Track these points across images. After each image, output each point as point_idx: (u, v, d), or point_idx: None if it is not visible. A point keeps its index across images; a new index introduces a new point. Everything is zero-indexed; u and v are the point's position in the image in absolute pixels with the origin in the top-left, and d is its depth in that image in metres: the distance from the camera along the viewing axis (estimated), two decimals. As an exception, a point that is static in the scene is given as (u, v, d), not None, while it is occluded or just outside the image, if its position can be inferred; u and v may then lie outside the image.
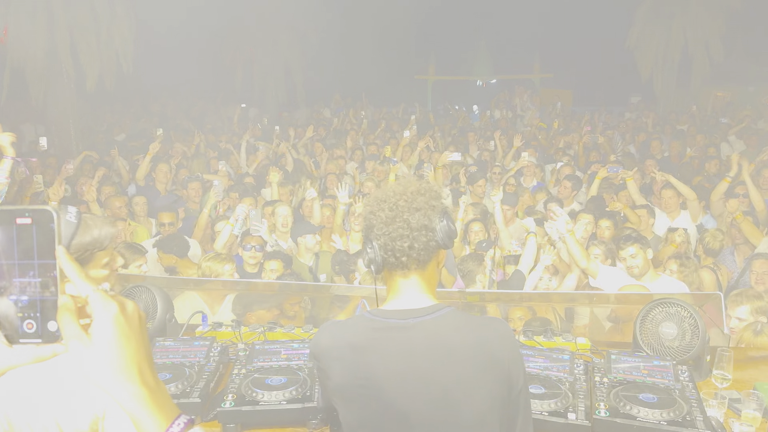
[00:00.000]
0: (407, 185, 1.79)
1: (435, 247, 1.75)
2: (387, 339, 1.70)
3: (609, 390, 2.72)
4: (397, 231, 1.70)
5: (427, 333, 1.69)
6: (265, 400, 2.59)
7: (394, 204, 1.73)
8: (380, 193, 1.80)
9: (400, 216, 1.71)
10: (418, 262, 1.74)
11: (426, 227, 1.72)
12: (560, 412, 2.55)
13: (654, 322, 3.12)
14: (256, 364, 2.90)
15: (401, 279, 1.77)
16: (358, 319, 1.80)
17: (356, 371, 1.68)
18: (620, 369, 2.89)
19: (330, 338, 1.76)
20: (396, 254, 1.72)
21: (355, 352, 1.70)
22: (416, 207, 1.72)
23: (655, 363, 2.91)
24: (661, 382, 2.79)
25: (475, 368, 1.65)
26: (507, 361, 1.68)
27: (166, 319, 3.23)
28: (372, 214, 1.76)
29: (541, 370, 2.89)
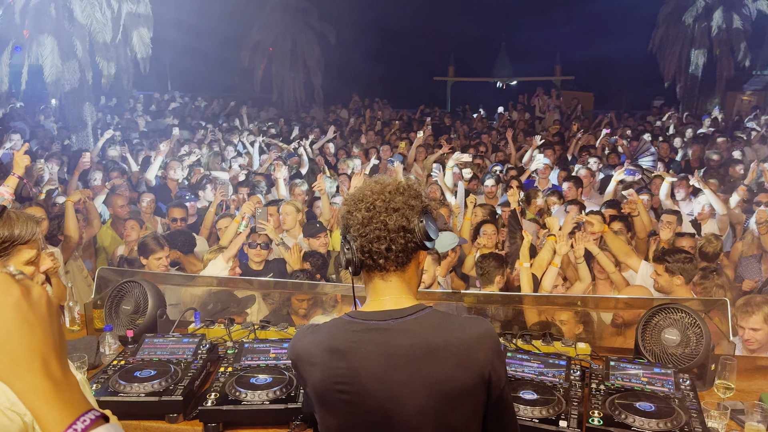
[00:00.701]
0: (385, 184, 1.70)
1: (414, 249, 1.68)
2: (367, 341, 1.62)
3: (605, 397, 2.61)
4: (374, 233, 1.63)
5: (409, 334, 1.62)
6: (247, 399, 2.53)
7: (371, 204, 1.65)
8: (357, 192, 1.71)
9: (377, 217, 1.63)
10: (397, 264, 1.67)
11: (404, 228, 1.64)
12: (551, 419, 2.45)
13: (657, 327, 3.01)
14: (244, 362, 2.85)
15: (380, 281, 1.69)
16: (336, 321, 1.72)
17: (335, 376, 1.61)
18: (619, 376, 2.78)
19: (306, 342, 1.69)
20: (373, 256, 1.65)
21: (334, 356, 1.63)
22: (394, 207, 1.64)
23: (656, 370, 2.80)
24: (661, 390, 2.67)
25: (458, 369, 1.59)
26: (489, 360, 1.62)
27: (156, 315, 3.20)
28: (349, 214, 1.68)
29: (535, 375, 2.80)
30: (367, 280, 1.73)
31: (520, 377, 2.78)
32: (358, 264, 1.68)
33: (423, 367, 1.59)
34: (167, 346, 2.97)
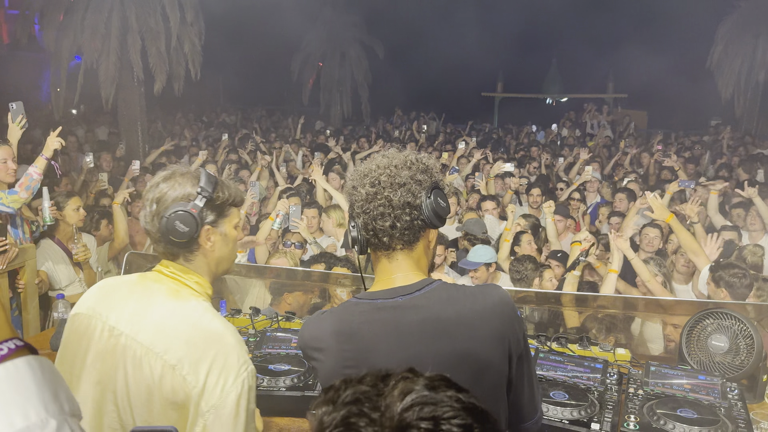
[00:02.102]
0: (392, 158, 1.60)
1: (421, 227, 1.57)
2: (374, 321, 1.53)
3: (643, 403, 2.43)
4: (378, 209, 1.53)
5: (418, 309, 1.52)
6: (264, 385, 2.46)
7: (376, 179, 1.55)
8: (363, 167, 1.62)
9: (381, 193, 1.53)
10: (404, 243, 1.57)
11: (410, 205, 1.53)
12: (583, 421, 2.29)
13: (703, 333, 2.80)
14: (264, 350, 2.79)
15: (386, 260, 1.60)
16: (343, 305, 1.64)
17: (344, 359, 1.52)
18: (659, 382, 2.59)
19: (312, 329, 1.60)
20: (378, 234, 1.55)
21: (340, 338, 1.54)
22: (400, 183, 1.54)
23: (701, 378, 2.59)
24: (706, 399, 2.47)
25: (473, 341, 1.49)
26: (506, 329, 1.52)
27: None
28: (354, 190, 1.59)
29: (568, 378, 2.63)
30: (375, 260, 1.64)
31: (552, 378, 2.63)
32: (363, 242, 1.59)
33: (435, 343, 1.49)
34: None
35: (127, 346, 1.56)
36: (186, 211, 1.59)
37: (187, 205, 1.59)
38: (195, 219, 1.59)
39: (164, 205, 1.60)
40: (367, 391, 0.81)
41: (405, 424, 0.75)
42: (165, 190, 1.62)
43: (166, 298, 1.60)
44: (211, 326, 1.57)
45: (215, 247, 1.66)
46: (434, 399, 0.79)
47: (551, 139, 15.44)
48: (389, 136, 14.61)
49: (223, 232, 1.67)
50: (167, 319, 1.56)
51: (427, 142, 13.25)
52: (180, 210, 1.58)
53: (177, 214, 1.58)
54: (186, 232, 1.59)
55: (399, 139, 13.59)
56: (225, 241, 1.69)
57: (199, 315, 1.59)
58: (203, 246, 1.64)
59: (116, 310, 1.61)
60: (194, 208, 1.60)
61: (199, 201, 1.61)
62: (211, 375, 1.50)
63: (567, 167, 10.04)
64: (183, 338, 1.53)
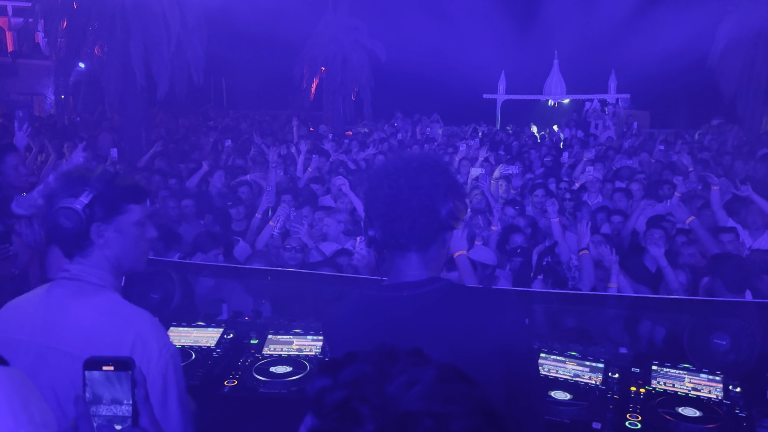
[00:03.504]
0: (410, 160, 1.62)
1: (438, 229, 1.59)
2: (378, 313, 1.57)
3: (645, 401, 2.43)
4: (397, 211, 1.55)
5: (422, 307, 1.54)
6: (265, 387, 2.46)
7: (395, 181, 1.57)
8: (381, 169, 1.65)
9: (400, 195, 1.55)
10: (420, 243, 1.59)
11: (428, 207, 1.55)
12: (584, 420, 2.29)
13: (705, 332, 2.79)
14: (266, 352, 2.80)
15: (400, 259, 1.62)
16: (354, 296, 1.69)
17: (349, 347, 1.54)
18: (661, 380, 2.59)
19: (330, 317, 1.69)
20: (395, 235, 1.57)
21: (348, 327, 1.60)
22: (418, 185, 1.56)
23: (703, 376, 2.59)
24: (708, 396, 2.47)
25: (474, 344, 1.49)
26: (509, 333, 1.52)
27: (183, 304, 3.18)
28: (372, 191, 1.61)
29: (570, 377, 2.64)
30: (389, 258, 1.65)
31: (553, 378, 2.63)
32: (380, 243, 1.60)
33: (436, 341, 1.49)
34: (191, 334, 2.94)
35: (44, 355, 1.56)
36: (69, 207, 1.57)
37: (74, 202, 1.57)
38: (79, 214, 1.57)
39: (53, 202, 1.60)
40: (371, 372, 0.78)
41: (410, 417, 0.72)
42: (57, 188, 1.61)
43: (72, 299, 1.59)
44: (123, 315, 1.58)
45: (109, 244, 1.63)
46: (444, 394, 0.75)
47: (554, 140, 15.42)
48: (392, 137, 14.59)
49: (119, 229, 1.63)
50: (78, 319, 1.56)
51: (429, 145, 13.25)
52: (63, 206, 1.57)
53: (60, 210, 1.57)
54: (69, 229, 1.58)
55: (401, 141, 13.58)
56: (121, 238, 1.65)
57: (109, 307, 1.59)
58: (95, 242, 1.62)
59: (27, 325, 1.60)
60: (78, 204, 1.57)
61: (84, 197, 1.58)
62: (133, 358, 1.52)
63: (570, 168, 10.03)
64: (97, 333, 1.53)
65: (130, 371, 1.09)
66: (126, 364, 1.09)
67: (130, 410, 1.08)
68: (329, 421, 0.75)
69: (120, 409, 1.08)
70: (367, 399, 0.74)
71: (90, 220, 1.59)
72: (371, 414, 0.72)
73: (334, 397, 0.76)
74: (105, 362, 1.09)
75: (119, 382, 1.09)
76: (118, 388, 1.08)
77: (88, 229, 1.60)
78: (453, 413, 0.72)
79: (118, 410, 1.08)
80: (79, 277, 1.63)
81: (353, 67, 19.00)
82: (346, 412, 0.74)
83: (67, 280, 1.64)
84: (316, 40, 18.59)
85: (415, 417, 0.71)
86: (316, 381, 0.79)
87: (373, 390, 0.75)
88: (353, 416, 0.73)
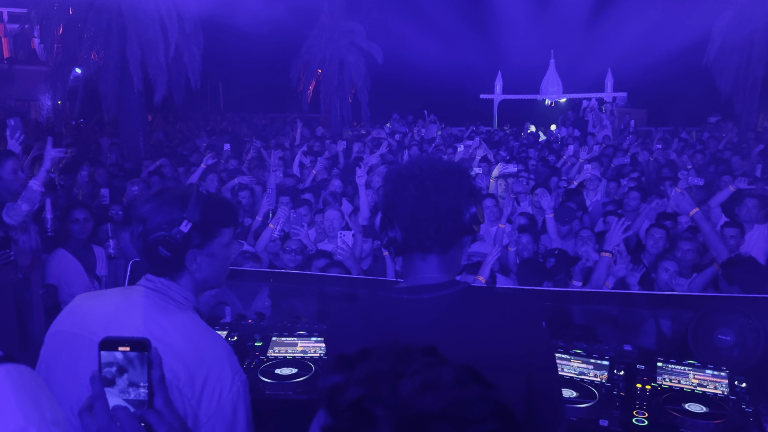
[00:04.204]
0: (434, 162, 1.60)
1: (461, 232, 1.58)
2: (398, 316, 1.54)
3: (651, 398, 2.43)
4: (423, 213, 1.53)
5: (443, 310, 1.52)
6: (271, 390, 2.46)
7: (421, 183, 1.54)
8: (404, 169, 1.60)
9: (427, 197, 1.53)
10: (442, 246, 1.57)
11: (454, 211, 1.54)
12: (591, 418, 2.29)
13: (710, 328, 2.80)
14: (270, 354, 2.79)
15: (420, 261, 1.59)
16: (371, 298, 1.65)
17: None
18: (667, 377, 2.59)
19: (340, 319, 1.64)
20: (419, 237, 1.55)
21: (364, 331, 1.54)
22: (445, 188, 1.54)
23: (708, 372, 2.59)
24: (714, 392, 2.47)
25: (493, 349, 1.47)
26: (528, 339, 1.50)
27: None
28: (395, 193, 1.57)
29: (575, 375, 2.64)
30: (407, 260, 1.63)
31: (558, 376, 2.62)
32: (401, 245, 1.58)
33: (455, 345, 1.47)
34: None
35: None
36: (169, 235, 1.55)
37: (171, 230, 1.55)
38: (178, 244, 1.55)
39: (149, 226, 1.56)
40: (385, 371, 0.76)
41: (425, 420, 0.70)
42: (151, 210, 1.58)
43: (153, 312, 1.56)
44: (202, 339, 1.55)
45: (201, 268, 1.62)
46: (460, 397, 0.73)
47: (551, 139, 15.44)
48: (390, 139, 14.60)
49: (211, 253, 1.62)
50: (158, 333, 1.51)
51: (427, 145, 13.26)
52: (162, 234, 1.54)
53: (159, 239, 1.54)
54: (168, 258, 1.56)
55: (399, 142, 13.59)
56: (212, 261, 1.64)
57: (190, 328, 1.55)
58: (188, 268, 1.60)
59: (104, 326, 1.54)
60: (178, 233, 1.56)
61: (184, 226, 1.56)
62: (207, 386, 1.49)
63: (569, 167, 10.04)
64: (175, 352, 1.49)
65: (146, 352, 1.08)
66: (142, 344, 1.08)
67: (146, 392, 1.07)
68: (342, 420, 0.73)
69: (137, 391, 1.07)
70: (381, 399, 0.73)
71: (186, 248, 1.57)
72: (385, 415, 0.71)
73: (348, 396, 0.74)
74: (121, 343, 1.08)
75: (136, 363, 1.08)
76: (134, 369, 1.07)
77: (184, 256, 1.58)
78: (469, 417, 0.71)
79: (134, 391, 1.07)
80: (163, 291, 1.59)
81: (350, 70, 19.02)
82: (359, 412, 0.72)
83: (151, 290, 1.60)
84: (313, 42, 18.61)
85: (431, 420, 0.70)
86: (329, 377, 0.78)
87: (388, 389, 0.73)
88: (367, 417, 0.72)
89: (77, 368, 1.55)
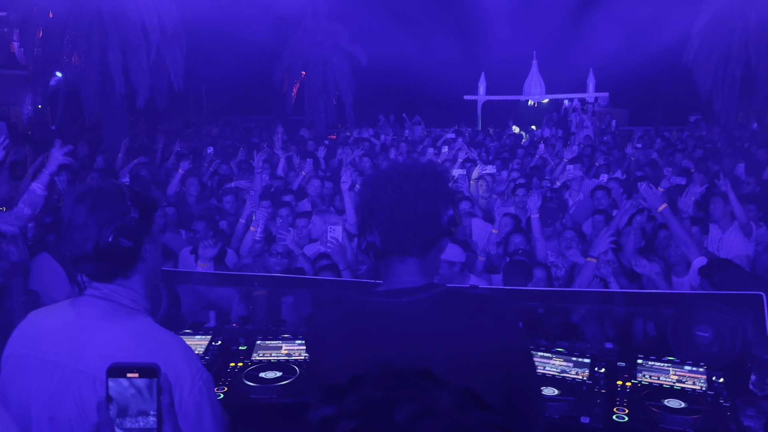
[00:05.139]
0: (412, 166, 1.62)
1: (439, 234, 1.60)
2: (378, 320, 1.55)
3: (632, 395, 2.47)
4: (401, 216, 1.55)
5: (422, 313, 1.54)
6: (256, 393, 2.46)
7: (398, 186, 1.57)
8: (382, 174, 1.63)
9: (405, 200, 1.55)
10: (421, 249, 1.59)
11: (432, 213, 1.56)
12: (572, 415, 2.32)
13: (688, 325, 2.85)
14: (255, 358, 2.80)
15: (399, 264, 1.61)
16: (350, 301, 1.65)
17: (344, 354, 1.54)
18: (647, 374, 2.63)
19: (319, 322, 1.65)
20: (398, 240, 1.57)
21: (344, 334, 1.56)
22: (422, 191, 1.56)
23: (687, 368, 2.64)
24: (692, 388, 2.52)
25: (472, 351, 1.49)
26: (505, 340, 1.53)
27: (171, 313, 3.17)
28: (373, 197, 1.60)
29: (557, 372, 2.67)
30: (386, 263, 1.64)
31: (540, 374, 2.66)
32: (380, 248, 1.60)
33: (435, 348, 1.50)
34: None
35: (72, 378, 1.49)
36: (125, 224, 1.51)
37: (125, 219, 1.51)
38: (137, 230, 1.52)
39: (95, 226, 1.50)
40: (379, 399, 0.71)
41: None
42: (89, 212, 1.52)
43: (103, 321, 1.52)
44: (156, 342, 1.52)
45: (150, 257, 1.58)
46: (461, 424, 0.68)
47: (534, 139, 15.55)
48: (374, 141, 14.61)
49: (153, 239, 1.60)
50: (110, 343, 1.48)
51: (411, 147, 13.28)
52: (119, 225, 1.50)
53: (118, 230, 1.50)
54: (128, 249, 1.52)
55: (384, 144, 13.60)
56: (155, 248, 1.61)
57: (142, 333, 1.52)
58: (143, 257, 1.56)
59: (53, 344, 1.51)
60: (132, 220, 1.52)
61: (134, 213, 1.53)
62: None
63: (551, 167, 10.12)
64: (131, 358, 1.44)
65: (155, 378, 1.07)
66: (151, 370, 1.07)
67: (155, 420, 1.05)
68: None
69: (145, 418, 1.06)
70: (377, 429, 0.68)
71: (141, 235, 1.54)
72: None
73: (340, 429, 0.69)
74: (129, 369, 1.07)
75: (144, 390, 1.06)
76: (142, 395, 1.06)
77: (141, 244, 1.54)
78: None
79: (143, 419, 1.05)
80: (111, 298, 1.55)
81: (334, 71, 19.01)
82: None
83: (97, 299, 1.55)
84: (296, 44, 18.57)
85: None
86: (319, 409, 0.73)
87: (383, 420, 0.69)
88: None
89: (31, 390, 1.52)
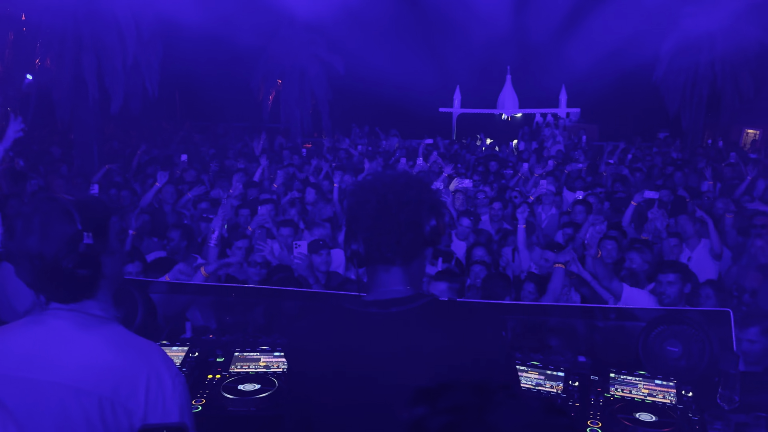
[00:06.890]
0: (396, 176, 1.66)
1: (422, 244, 1.64)
2: (367, 329, 1.57)
3: (605, 408, 2.53)
4: (384, 226, 1.59)
5: (411, 323, 1.57)
6: (234, 406, 2.46)
7: (382, 196, 1.60)
8: (367, 183, 1.66)
9: (388, 210, 1.59)
10: (404, 258, 1.63)
11: (415, 223, 1.60)
12: (547, 428, 2.37)
13: (658, 339, 2.93)
14: (233, 370, 2.79)
15: (384, 273, 1.64)
16: (336, 310, 1.66)
17: (330, 364, 1.55)
18: (619, 387, 2.70)
19: (301, 331, 1.65)
20: (381, 249, 1.60)
21: (328, 343, 1.57)
22: (405, 201, 1.60)
23: (657, 382, 2.71)
24: (662, 402, 2.59)
25: (460, 359, 1.53)
26: (489, 350, 1.57)
27: (147, 324, 3.14)
28: (357, 205, 1.63)
29: (532, 386, 2.72)
30: (371, 272, 1.68)
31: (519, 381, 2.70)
32: (363, 256, 1.64)
33: (423, 357, 1.53)
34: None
35: (49, 392, 1.45)
36: (79, 254, 1.45)
37: (77, 247, 1.45)
38: (92, 258, 1.47)
39: (48, 256, 1.44)
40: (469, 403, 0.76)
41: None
42: (40, 240, 1.45)
43: (78, 331, 1.49)
44: (134, 349, 1.52)
45: (112, 268, 1.56)
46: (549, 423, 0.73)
47: (509, 153, 15.74)
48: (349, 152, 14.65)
49: (112, 250, 1.55)
50: (88, 353, 1.47)
51: (386, 158, 13.35)
52: (73, 257, 1.44)
53: (73, 263, 1.45)
54: (89, 275, 1.48)
55: (359, 154, 13.64)
56: (114, 256, 1.57)
57: (118, 341, 1.51)
58: (104, 275, 1.53)
59: (24, 360, 1.47)
60: (85, 248, 1.46)
61: (87, 239, 1.46)
62: (149, 396, 1.47)
63: (524, 181, 10.27)
64: (111, 368, 1.46)
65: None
66: (181, 429, 1.07)
67: None
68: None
69: None
70: (470, 425, 0.73)
71: (98, 256, 1.49)
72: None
73: (437, 422, 0.74)
74: (159, 429, 1.06)
75: None
76: None
77: (99, 267, 1.50)
78: None
79: None
80: (79, 309, 1.52)
81: (311, 80, 19.01)
82: None
83: (65, 311, 1.52)
84: (273, 52, 18.54)
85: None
86: (413, 410, 0.77)
87: (475, 418, 0.74)
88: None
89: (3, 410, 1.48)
